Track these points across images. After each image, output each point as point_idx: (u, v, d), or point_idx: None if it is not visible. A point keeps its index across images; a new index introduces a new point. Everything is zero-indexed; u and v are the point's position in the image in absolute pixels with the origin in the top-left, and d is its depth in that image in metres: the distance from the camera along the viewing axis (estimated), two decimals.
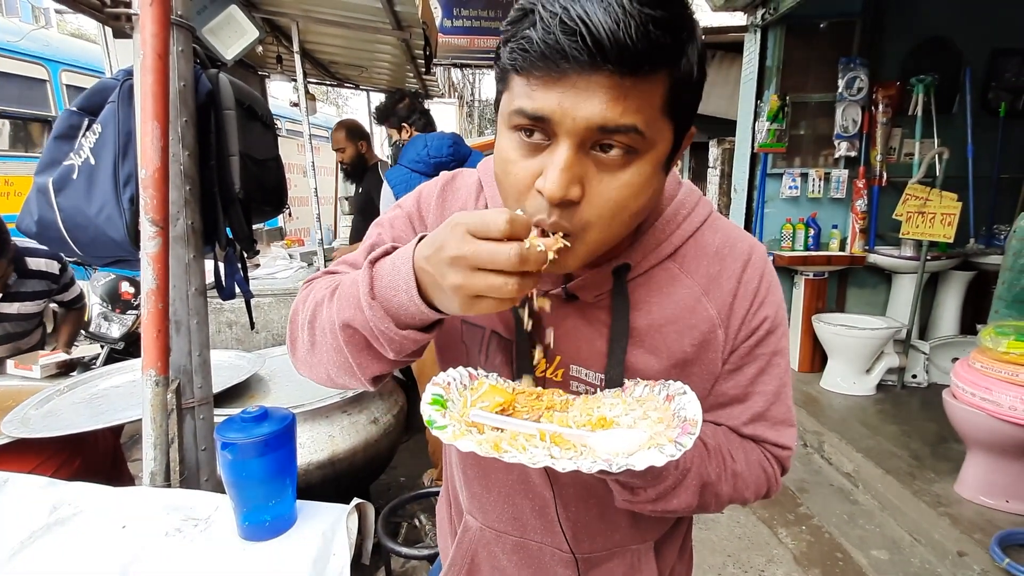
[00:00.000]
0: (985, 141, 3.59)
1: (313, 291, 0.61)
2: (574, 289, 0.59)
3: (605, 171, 0.47)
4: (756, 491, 0.63)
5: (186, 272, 1.07)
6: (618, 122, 0.44)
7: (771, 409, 0.63)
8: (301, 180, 6.36)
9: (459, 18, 4.99)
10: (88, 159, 1.07)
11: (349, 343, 0.53)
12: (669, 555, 0.74)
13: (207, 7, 2.02)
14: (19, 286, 2.12)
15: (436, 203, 0.68)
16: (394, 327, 0.49)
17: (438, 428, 0.46)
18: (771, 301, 0.61)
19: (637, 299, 0.59)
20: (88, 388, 1.64)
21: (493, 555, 0.73)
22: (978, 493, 2.33)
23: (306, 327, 0.59)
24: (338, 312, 0.53)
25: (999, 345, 2.13)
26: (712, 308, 0.60)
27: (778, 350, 0.62)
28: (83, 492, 0.96)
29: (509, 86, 0.49)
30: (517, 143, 0.49)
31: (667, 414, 0.50)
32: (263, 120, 1.34)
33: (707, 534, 2.36)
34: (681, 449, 0.43)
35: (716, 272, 0.60)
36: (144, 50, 0.92)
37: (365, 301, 0.49)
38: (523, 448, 0.44)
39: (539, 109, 0.45)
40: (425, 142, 2.18)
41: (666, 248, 0.60)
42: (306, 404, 1.59)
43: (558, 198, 0.45)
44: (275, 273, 3.18)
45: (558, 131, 0.45)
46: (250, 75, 3.79)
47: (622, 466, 0.42)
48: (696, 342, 0.59)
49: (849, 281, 4.00)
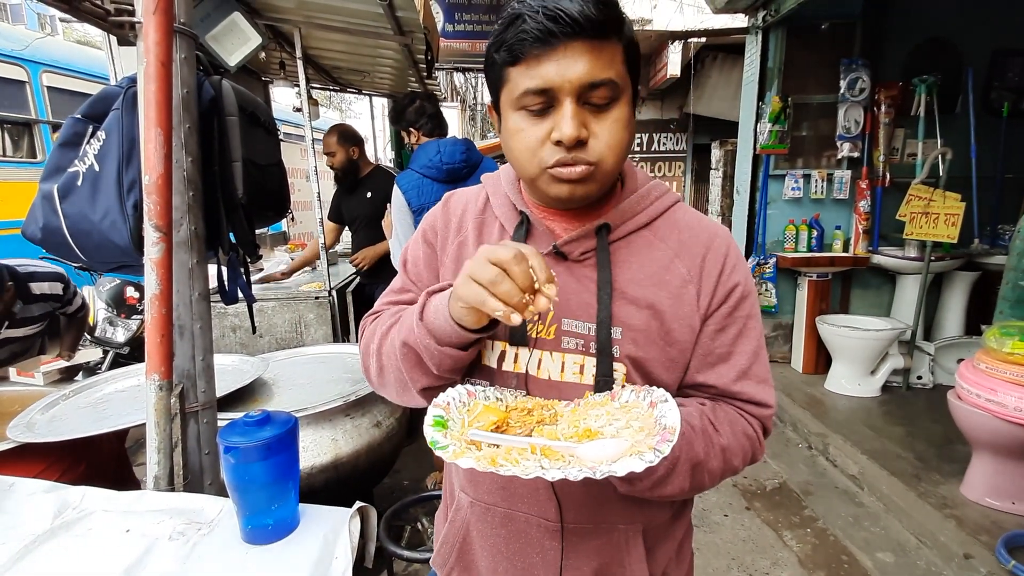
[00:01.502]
0: (988, 141, 3.59)
1: (378, 325, 0.76)
2: (563, 247, 0.69)
3: (599, 115, 0.62)
4: (743, 458, 0.69)
5: (189, 277, 1.07)
6: (599, 77, 0.59)
7: (753, 367, 0.70)
8: (304, 184, 6.40)
9: (460, 23, 5.01)
10: (92, 166, 1.08)
11: (405, 359, 0.67)
12: (662, 556, 0.74)
13: (210, 14, 2.04)
14: (25, 312, 2.13)
15: (441, 211, 0.81)
16: (435, 344, 0.62)
17: (440, 448, 0.52)
18: (740, 269, 0.71)
19: (619, 259, 0.70)
20: (93, 393, 1.65)
21: (482, 531, 0.75)
22: (984, 495, 2.31)
23: (375, 354, 0.73)
24: (398, 333, 0.68)
25: (1004, 346, 2.12)
26: (683, 267, 0.69)
27: (752, 314, 0.71)
28: (87, 496, 0.96)
29: (507, 80, 0.63)
30: (524, 117, 0.63)
31: (649, 422, 0.55)
32: (265, 126, 1.35)
33: (711, 537, 2.35)
34: (659, 456, 0.49)
35: (686, 239, 0.71)
36: (147, 58, 0.93)
37: (416, 323, 0.64)
38: (516, 462, 0.50)
39: (542, 82, 0.60)
40: (438, 148, 2.17)
41: (642, 218, 0.71)
42: (309, 408, 1.60)
43: (574, 138, 0.59)
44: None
45: (559, 94, 0.60)
46: (253, 81, 3.81)
47: (605, 472, 0.47)
48: (671, 296, 0.68)
49: (853, 282, 3.99)
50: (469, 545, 0.78)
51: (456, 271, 0.76)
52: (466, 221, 0.78)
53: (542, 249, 0.70)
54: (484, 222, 0.77)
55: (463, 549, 0.78)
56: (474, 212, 0.78)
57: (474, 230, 0.76)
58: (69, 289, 2.31)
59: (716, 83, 6.15)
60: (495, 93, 0.68)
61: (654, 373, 0.68)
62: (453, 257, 0.76)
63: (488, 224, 0.77)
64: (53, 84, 4.76)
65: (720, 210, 6.43)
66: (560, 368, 0.68)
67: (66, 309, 2.35)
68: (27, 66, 4.53)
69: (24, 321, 2.14)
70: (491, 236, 0.75)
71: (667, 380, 0.69)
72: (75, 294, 2.37)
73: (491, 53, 0.65)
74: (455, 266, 0.76)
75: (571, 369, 0.68)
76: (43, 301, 2.20)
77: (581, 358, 0.68)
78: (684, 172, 7.50)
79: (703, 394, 0.71)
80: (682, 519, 0.79)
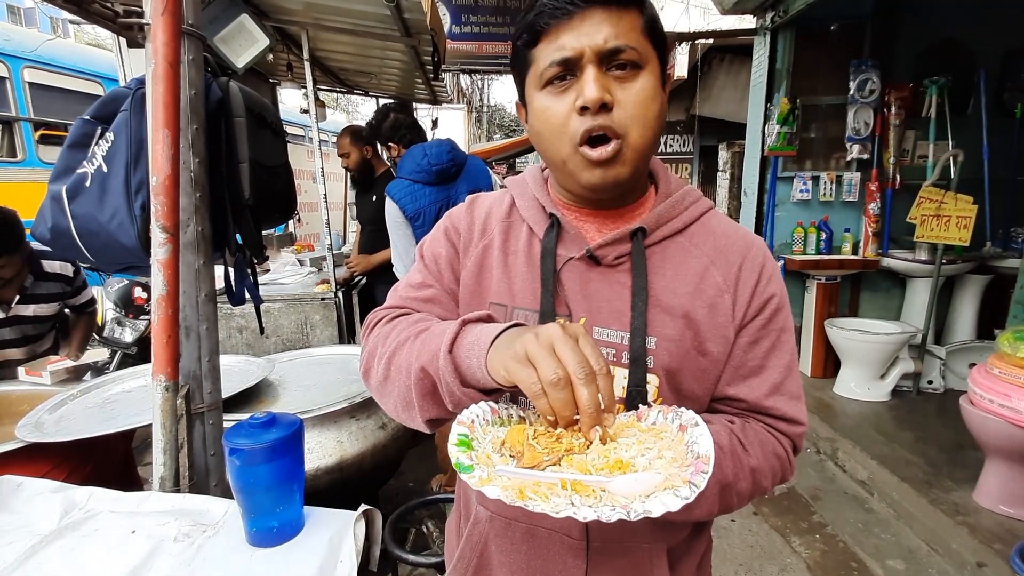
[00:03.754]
0: (1001, 143, 3.54)
1: (396, 329, 0.69)
2: (596, 251, 0.67)
3: (623, 83, 0.61)
4: (773, 479, 0.67)
5: (196, 278, 1.08)
6: (619, 42, 0.59)
7: (786, 382, 0.68)
8: (311, 186, 6.42)
9: (467, 24, 5.01)
10: (101, 167, 1.08)
11: (418, 384, 0.60)
12: (686, 571, 0.73)
13: (218, 16, 2.05)
14: (35, 288, 2.16)
15: (465, 212, 0.78)
16: (459, 383, 0.56)
17: (465, 471, 0.49)
18: (776, 280, 0.69)
19: (653, 264, 0.67)
20: (101, 393, 1.65)
21: (502, 546, 0.72)
22: (998, 502, 2.28)
23: (383, 361, 0.67)
24: (418, 356, 0.61)
25: (1018, 350, 2.09)
26: (719, 275, 0.67)
27: (786, 327, 0.69)
28: (94, 496, 0.97)
29: (531, 63, 0.64)
30: (550, 93, 0.63)
31: (680, 449, 0.53)
32: (272, 127, 1.35)
33: (719, 542, 2.33)
34: (695, 491, 0.47)
35: (722, 247, 0.69)
36: (155, 59, 0.93)
37: (443, 353, 0.57)
38: (546, 497, 0.47)
39: (565, 52, 0.60)
40: (424, 151, 2.18)
41: (676, 224, 0.69)
42: (315, 409, 1.60)
43: (597, 99, 0.59)
44: (281, 279, 3.20)
45: (581, 61, 0.60)
46: (261, 83, 3.83)
47: (639, 513, 0.45)
48: (706, 305, 0.66)
49: (862, 285, 3.95)
50: (487, 561, 0.74)
51: (479, 277, 0.73)
52: (491, 224, 0.75)
53: (574, 253, 0.68)
54: (511, 225, 0.74)
55: (480, 566, 0.75)
56: (499, 215, 0.75)
57: (500, 234, 0.74)
58: (79, 275, 2.33)
59: (723, 84, 6.12)
60: (521, 84, 0.68)
61: (685, 385, 0.66)
62: (476, 261, 0.74)
63: (515, 227, 0.74)
64: (36, 80, 4.49)
65: (727, 212, 6.40)
66: None
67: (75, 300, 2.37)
68: (7, 61, 4.26)
69: (34, 298, 2.16)
70: (519, 240, 0.72)
71: (698, 392, 0.67)
72: (84, 284, 2.39)
73: (515, 43, 0.65)
74: (478, 271, 0.73)
75: None
76: (54, 280, 2.22)
77: (612, 369, 0.65)
78: (691, 174, 7.47)
79: (733, 408, 0.69)
80: (703, 535, 0.77)
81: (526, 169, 0.79)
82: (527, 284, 0.69)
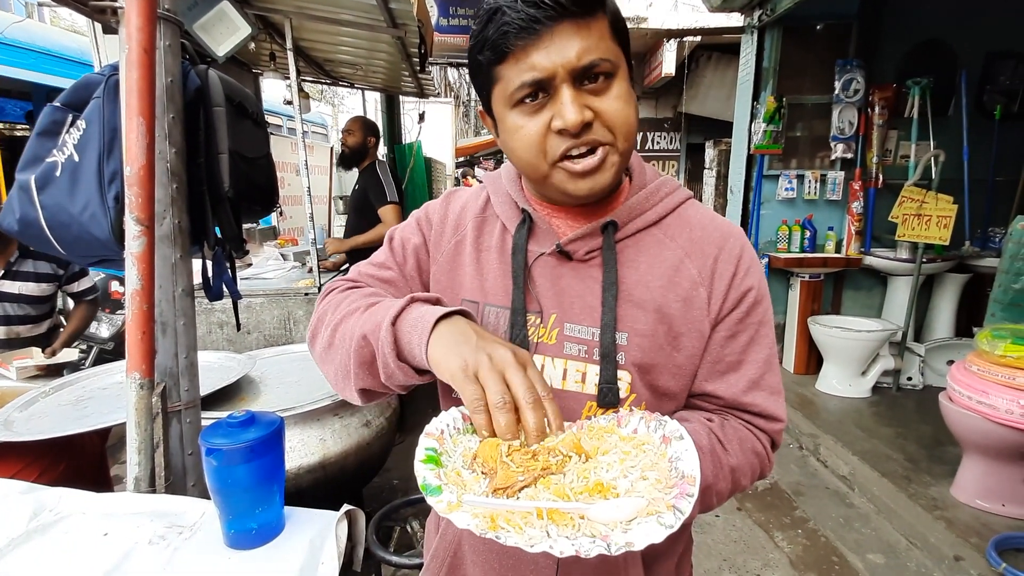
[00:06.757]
0: (980, 144, 3.61)
1: (348, 299, 0.68)
2: (567, 246, 0.66)
3: (599, 95, 0.58)
4: (752, 476, 0.66)
5: (172, 272, 1.04)
6: (593, 56, 0.56)
7: (765, 377, 0.66)
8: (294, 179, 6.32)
9: (455, 17, 4.96)
10: (72, 156, 1.04)
11: (357, 352, 0.60)
12: (663, 572, 0.72)
13: (198, 3, 1.99)
14: (20, 265, 2.10)
15: (441, 205, 0.77)
16: (395, 356, 0.57)
17: (432, 493, 0.46)
18: (754, 272, 0.67)
19: (626, 258, 0.66)
20: (75, 390, 1.60)
21: (475, 545, 0.72)
22: (975, 497, 2.33)
23: (330, 328, 0.66)
24: (362, 325, 0.61)
25: (996, 348, 2.13)
26: (694, 268, 0.66)
27: (765, 321, 0.67)
28: (65, 498, 0.93)
29: (497, 80, 0.60)
30: (522, 112, 0.59)
31: (663, 467, 0.51)
32: (254, 118, 1.31)
33: (702, 538, 2.35)
34: (680, 518, 0.45)
35: (698, 238, 0.67)
36: (129, 44, 0.89)
37: (386, 324, 0.58)
38: (519, 528, 0.44)
39: (536, 73, 0.56)
40: None
41: (650, 216, 0.68)
42: (297, 407, 1.57)
43: (579, 123, 0.56)
44: (264, 273, 3.14)
45: (555, 81, 0.57)
46: (243, 72, 3.74)
47: (621, 547, 0.42)
48: (679, 299, 0.65)
49: (845, 283, 4.00)
50: (460, 560, 0.74)
51: (450, 271, 0.72)
52: (465, 219, 0.75)
53: (546, 248, 0.67)
54: (484, 221, 0.74)
55: (454, 564, 0.74)
56: (474, 211, 0.75)
57: (473, 230, 0.73)
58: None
59: (711, 82, 6.15)
60: (486, 97, 0.64)
61: (660, 381, 0.65)
62: (448, 256, 0.73)
63: (489, 223, 0.73)
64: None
65: (714, 210, 6.45)
66: (562, 375, 0.65)
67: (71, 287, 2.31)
68: None
69: (19, 275, 2.10)
70: (492, 236, 0.72)
71: (674, 389, 0.66)
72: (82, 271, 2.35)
73: (474, 56, 0.61)
74: (451, 267, 0.73)
75: (573, 377, 0.65)
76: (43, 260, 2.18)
77: (583, 365, 0.65)
78: (678, 171, 7.51)
79: (711, 404, 0.68)
80: (683, 535, 0.76)
81: (503, 166, 0.78)
82: (499, 281, 0.69)
